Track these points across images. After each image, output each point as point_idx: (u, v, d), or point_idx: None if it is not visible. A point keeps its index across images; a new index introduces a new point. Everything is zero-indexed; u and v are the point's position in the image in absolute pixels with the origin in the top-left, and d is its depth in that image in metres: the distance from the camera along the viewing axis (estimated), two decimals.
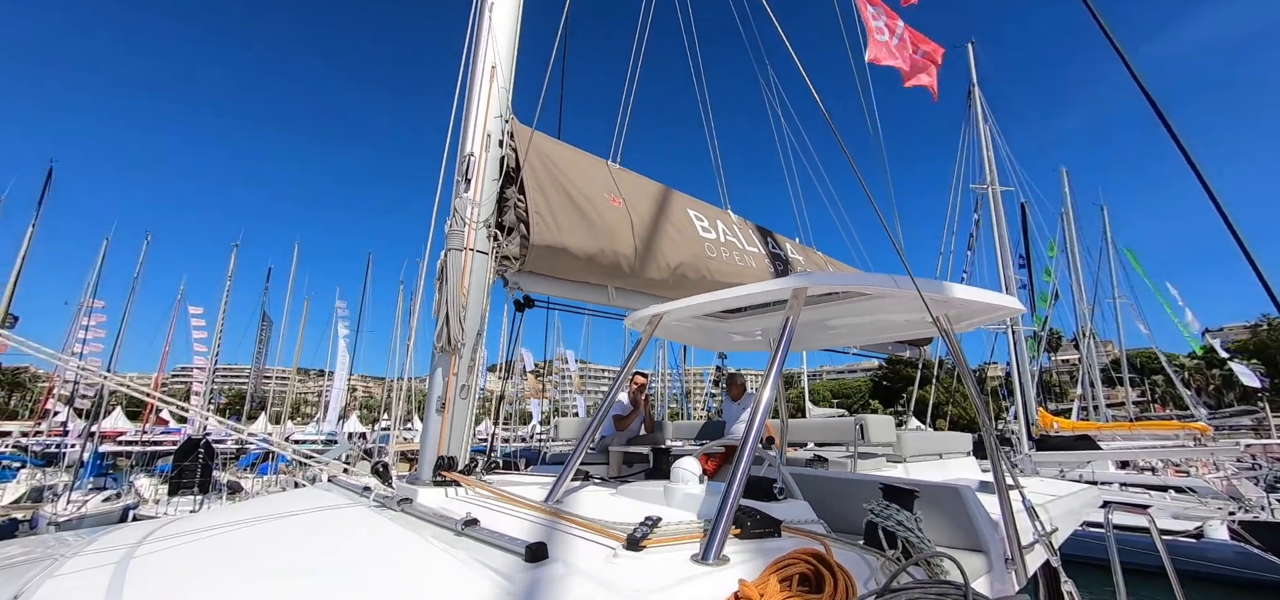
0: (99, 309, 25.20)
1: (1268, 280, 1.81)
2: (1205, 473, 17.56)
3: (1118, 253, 26.04)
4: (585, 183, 3.79)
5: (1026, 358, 16.27)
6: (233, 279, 26.92)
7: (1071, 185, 24.91)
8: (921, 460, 5.07)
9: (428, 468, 2.95)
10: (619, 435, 5.26)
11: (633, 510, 2.16)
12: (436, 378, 3.13)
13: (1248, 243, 1.83)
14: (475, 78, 3.57)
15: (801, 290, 2.39)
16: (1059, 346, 36.43)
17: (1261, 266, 1.79)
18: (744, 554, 1.74)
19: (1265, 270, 1.72)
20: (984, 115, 16.64)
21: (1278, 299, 1.80)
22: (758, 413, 2.04)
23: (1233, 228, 1.83)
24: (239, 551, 2.07)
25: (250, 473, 20.14)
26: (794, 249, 5.60)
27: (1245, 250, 1.80)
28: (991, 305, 2.80)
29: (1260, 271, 1.81)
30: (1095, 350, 24.94)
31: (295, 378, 34.04)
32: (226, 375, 45.97)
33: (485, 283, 3.30)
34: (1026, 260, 19.53)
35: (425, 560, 1.80)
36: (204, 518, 2.77)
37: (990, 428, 2.89)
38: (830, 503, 2.64)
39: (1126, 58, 2.10)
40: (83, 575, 1.86)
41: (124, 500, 16.54)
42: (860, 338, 4.49)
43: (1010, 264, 17.07)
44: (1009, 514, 2.61)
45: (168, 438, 29.60)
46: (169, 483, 16.81)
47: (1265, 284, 1.82)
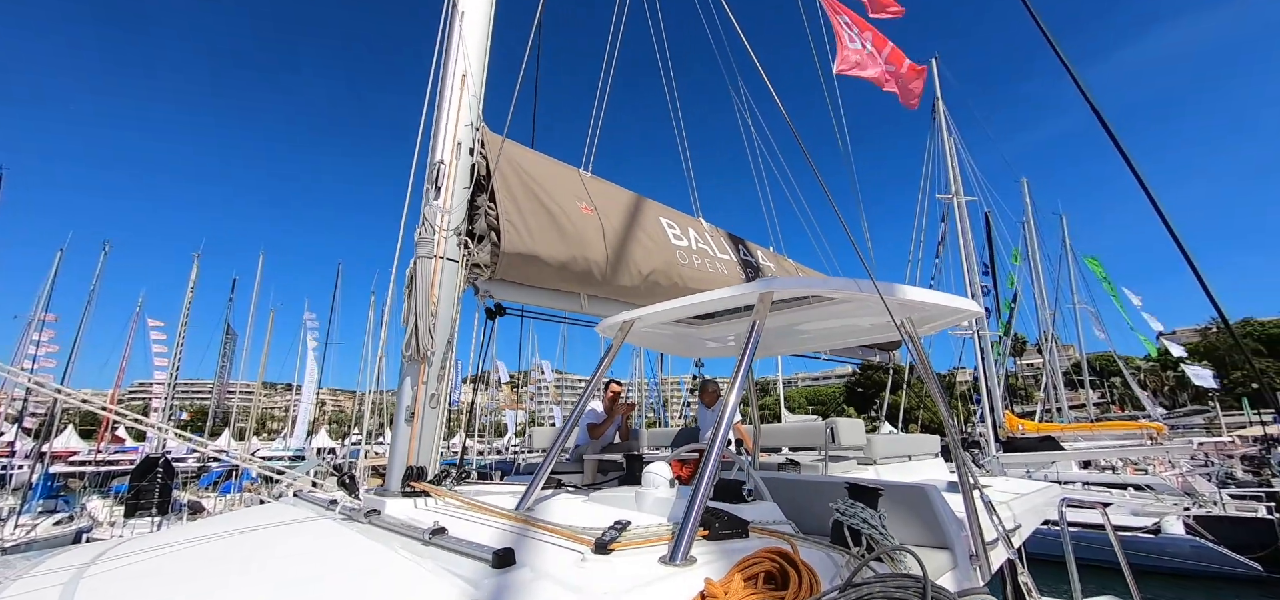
0: (51, 322, 24.09)
1: (1209, 286, 1.92)
2: (1162, 470, 18.31)
3: (1077, 260, 27.10)
4: (557, 190, 3.80)
5: (992, 362, 16.77)
6: (195, 290, 25.99)
7: (1032, 195, 25.88)
8: (891, 462, 5.18)
9: (396, 478, 2.91)
10: (593, 443, 5.25)
11: (604, 516, 2.16)
12: (405, 387, 3.09)
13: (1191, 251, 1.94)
14: (446, 86, 3.56)
15: (767, 295, 2.43)
16: (1024, 351, 37.66)
17: (1203, 273, 1.89)
18: (711, 555, 1.76)
19: (1208, 276, 1.81)
20: (948, 127, 17.21)
21: (1218, 305, 1.91)
22: (724, 415, 2.07)
23: (1176, 237, 1.93)
24: (195, 568, 2.01)
25: (212, 491, 19.39)
26: (765, 256, 5.69)
27: (1188, 257, 1.91)
28: (951, 308, 2.89)
29: (1202, 278, 1.92)
30: (1057, 354, 25.83)
31: (261, 392, 33.03)
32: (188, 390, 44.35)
33: (455, 291, 3.27)
34: (991, 268, 20.18)
35: (390, 570, 1.77)
36: (159, 536, 2.67)
37: (953, 428, 2.99)
38: (800, 504, 2.69)
39: (1076, 74, 2.21)
40: (27, 598, 1.78)
41: (77, 523, 15.77)
42: (829, 342, 4.58)
43: (975, 271, 17.62)
44: (972, 512, 2.69)
45: (124, 456, 28.37)
46: (125, 504, 16.08)
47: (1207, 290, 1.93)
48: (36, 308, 23.83)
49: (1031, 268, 24.78)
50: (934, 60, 17.65)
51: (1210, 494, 15.19)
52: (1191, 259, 1.92)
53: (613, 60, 4.92)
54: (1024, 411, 23.44)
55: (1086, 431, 17.34)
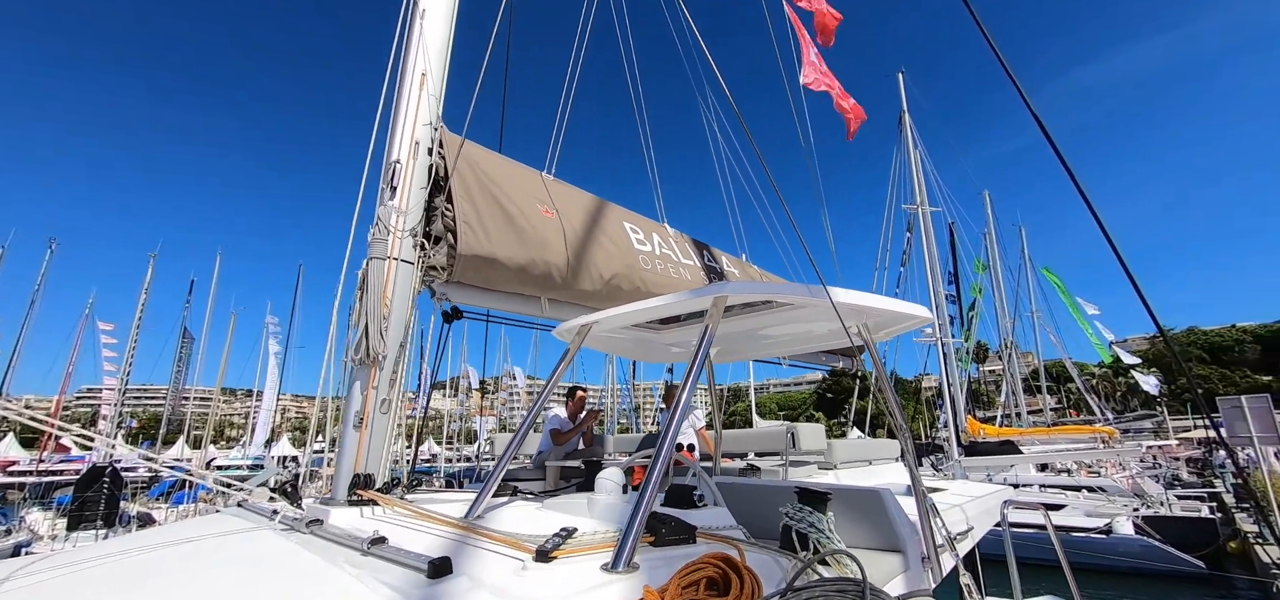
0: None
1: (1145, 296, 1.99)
2: (1113, 472, 19.09)
3: (1034, 270, 28.14)
4: (517, 192, 3.76)
5: (955, 369, 17.25)
6: (149, 292, 24.94)
7: (994, 207, 26.80)
8: (852, 467, 5.25)
9: (343, 486, 2.81)
10: (556, 450, 5.19)
11: (553, 523, 2.12)
12: (354, 392, 3.00)
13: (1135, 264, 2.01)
14: (404, 84, 3.48)
15: (721, 299, 2.44)
16: (986, 358, 38.84)
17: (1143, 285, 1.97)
18: (655, 562, 1.74)
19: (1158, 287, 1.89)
20: (914, 140, 17.70)
21: (1154, 313, 1.98)
22: (672, 421, 2.06)
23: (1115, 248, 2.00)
24: (113, 581, 1.90)
25: (164, 502, 18.56)
26: (730, 263, 5.73)
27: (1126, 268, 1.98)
28: (902, 314, 2.95)
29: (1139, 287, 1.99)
30: (1017, 361, 26.71)
31: (219, 398, 31.80)
32: (140, 396, 42.40)
33: (410, 293, 3.20)
34: (955, 277, 20.79)
35: (320, 581, 1.71)
36: (89, 549, 2.53)
37: (904, 432, 3.04)
38: (755, 509, 2.69)
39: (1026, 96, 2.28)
40: None
41: (14, 537, 14.89)
42: (790, 348, 4.63)
43: (939, 280, 18.12)
44: (924, 515, 2.74)
45: (68, 466, 26.90)
46: (68, 516, 15.24)
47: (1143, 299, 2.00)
48: None
49: (992, 277, 25.64)
50: (900, 75, 18.16)
51: (1158, 495, 15.90)
52: (1129, 269, 2.00)
53: (578, 64, 4.91)
54: (986, 416, 24.18)
55: (1043, 435, 17.98)
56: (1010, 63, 2.30)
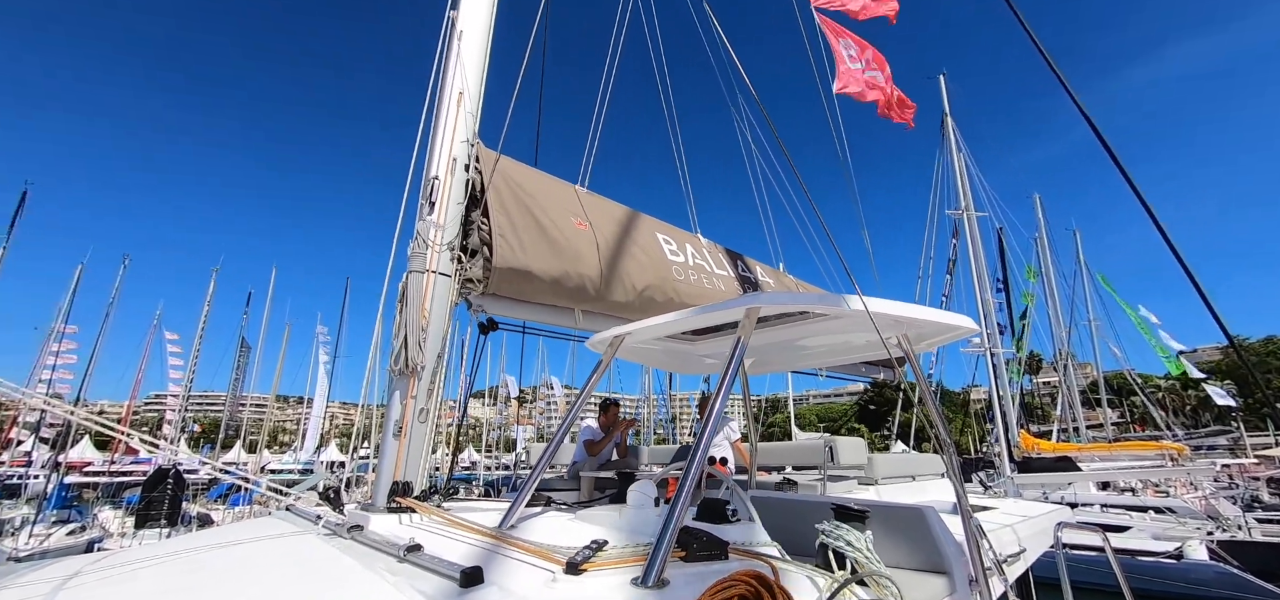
0: (71, 334, 24.58)
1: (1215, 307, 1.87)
2: (1183, 493, 17.79)
3: (1091, 276, 26.69)
4: (551, 205, 3.81)
5: (1006, 380, 16.48)
6: (211, 304, 26.46)
7: (1045, 211, 25.58)
8: (894, 482, 5.07)
9: (383, 494, 2.89)
10: (590, 460, 5.21)
11: (584, 534, 2.13)
12: (394, 401, 3.09)
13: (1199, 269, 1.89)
14: (443, 103, 3.60)
15: (754, 310, 2.40)
16: (1040, 369, 36.95)
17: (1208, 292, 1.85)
18: (685, 578, 1.72)
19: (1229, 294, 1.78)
20: (957, 144, 17.11)
21: (1224, 324, 1.86)
22: (704, 433, 2.03)
23: (1177, 254, 1.89)
24: (168, 581, 2.01)
25: (222, 504, 19.54)
26: (764, 272, 5.65)
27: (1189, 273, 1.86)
28: (945, 325, 2.83)
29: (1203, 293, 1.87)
30: (1074, 373, 25.33)
31: (274, 404, 33.34)
32: (202, 403, 44.88)
33: (447, 305, 3.28)
34: (1004, 285, 19.92)
35: (359, 586, 1.75)
36: (148, 549, 2.69)
37: (949, 447, 2.91)
38: (792, 525, 2.63)
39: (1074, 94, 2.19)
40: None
41: (88, 533, 15.93)
42: (827, 359, 4.51)
43: (987, 288, 17.39)
44: (972, 535, 2.62)
45: (137, 468, 28.65)
46: (136, 514, 16.22)
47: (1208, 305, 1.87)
48: (57, 319, 24.35)
49: (1045, 285, 24.43)
50: (941, 76, 17.62)
51: (1234, 517, 14.68)
52: (1191, 273, 1.88)
53: (611, 76, 4.97)
54: (1041, 431, 22.95)
55: (1104, 451, 16.94)
56: (1057, 61, 2.20)
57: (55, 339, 23.87)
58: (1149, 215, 1.94)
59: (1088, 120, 2.11)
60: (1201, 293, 1.84)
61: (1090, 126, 2.10)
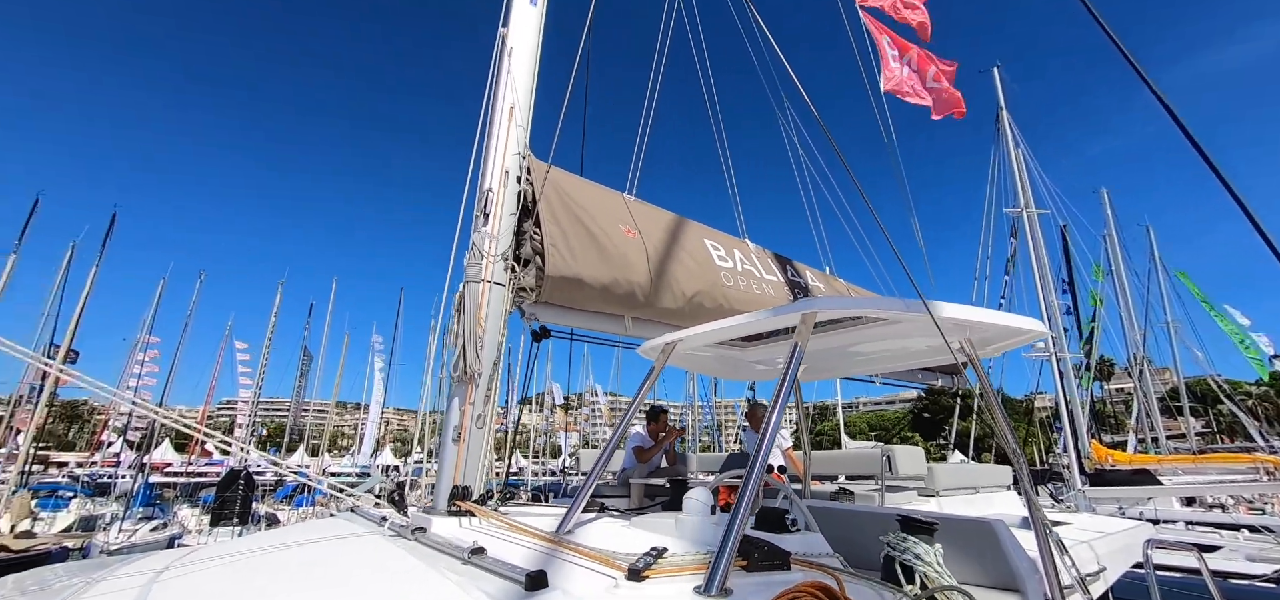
0: (154, 344, 26.60)
1: None
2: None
3: (1168, 275, 24.81)
4: (600, 214, 3.86)
5: (1074, 386, 15.50)
6: (278, 315, 28.06)
7: (1113, 206, 23.97)
8: (956, 494, 4.85)
9: (443, 497, 2.98)
10: (640, 467, 5.22)
11: (642, 541, 2.13)
12: (453, 408, 3.18)
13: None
14: (495, 117, 3.72)
15: (810, 316, 2.36)
16: (1112, 375, 34.55)
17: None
18: (749, 587, 1.70)
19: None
20: (1014, 139, 16.28)
21: None
22: (764, 440, 2.01)
23: (1271, 244, 1.74)
24: (250, 577, 2.13)
25: (287, 504, 20.62)
26: (814, 277, 5.53)
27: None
28: (1013, 329, 2.70)
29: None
30: (1150, 378, 23.57)
31: (334, 410, 35.02)
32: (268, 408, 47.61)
33: (502, 313, 3.37)
34: (1069, 285, 18.79)
35: (426, 587, 1.81)
36: (226, 545, 2.87)
37: (1019, 458, 2.77)
38: (851, 536, 2.55)
39: (1151, 81, 2.05)
40: (108, 597, 1.95)
41: (170, 530, 17.14)
42: (884, 366, 4.37)
43: (1051, 289, 16.42)
44: (1047, 551, 2.47)
45: (211, 469, 30.68)
46: (211, 513, 17.37)
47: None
48: (142, 331, 26.38)
49: (1116, 285, 22.88)
50: (996, 70, 16.83)
51: None
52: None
53: (657, 83, 5.00)
54: (1114, 441, 21.43)
55: (1188, 464, 15.63)
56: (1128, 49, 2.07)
57: (140, 349, 25.84)
58: (1239, 205, 1.79)
59: (1167, 108, 1.97)
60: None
61: (1170, 115, 1.96)
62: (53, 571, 2.62)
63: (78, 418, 50.93)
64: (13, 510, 16.27)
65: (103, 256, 21.58)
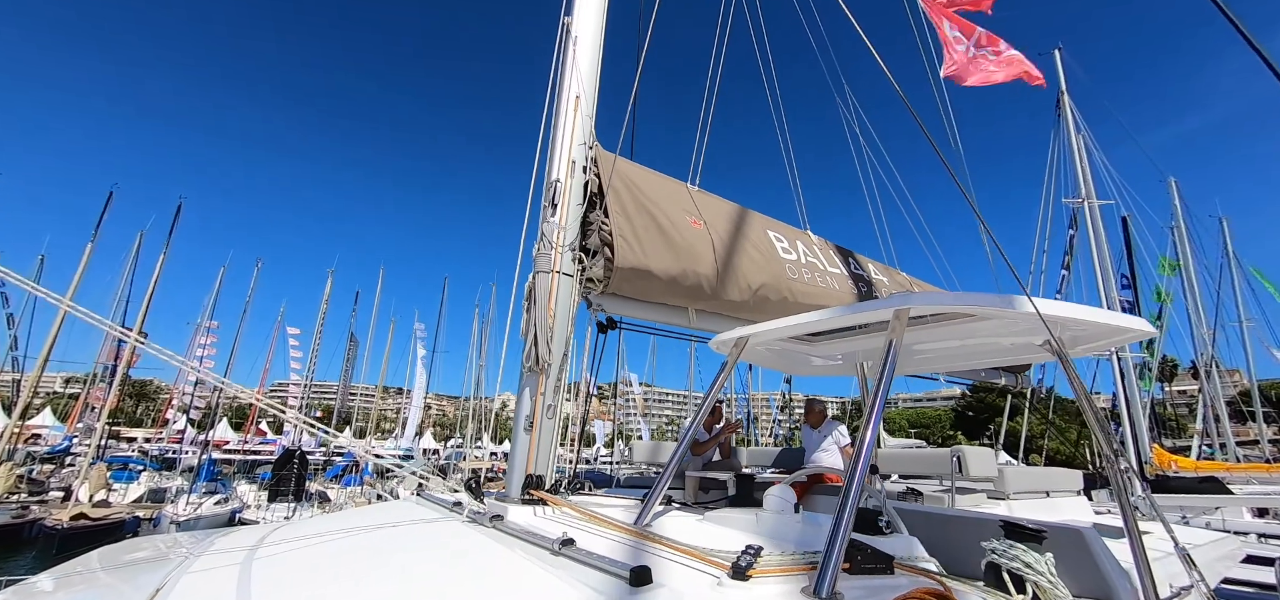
0: (214, 328, 28.03)
1: None
2: None
3: (1242, 270, 23.21)
4: (667, 205, 3.82)
5: (1135, 386, 14.70)
6: (328, 301, 29.19)
7: (1182, 197, 22.52)
8: (1026, 498, 4.65)
9: (516, 485, 3.02)
10: (695, 460, 5.19)
11: (724, 537, 2.11)
12: (524, 397, 3.22)
13: None
14: (560, 107, 3.71)
15: (904, 311, 2.27)
16: (1175, 376, 32.63)
17: None
18: (855, 591, 1.65)
19: None
20: (1076, 125, 15.44)
21: None
22: (866, 440, 1.94)
23: None
24: (349, 558, 2.20)
25: (336, 483, 21.51)
26: (877, 270, 5.38)
27: None
28: (1118, 327, 2.55)
29: None
30: (1220, 379, 22.16)
31: (380, 395, 36.28)
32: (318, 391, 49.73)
33: (571, 304, 3.38)
34: (1131, 279, 17.77)
35: (528, 577, 1.83)
36: (311, 524, 2.97)
37: (1117, 462, 2.62)
38: (937, 540, 2.47)
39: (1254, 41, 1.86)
40: (213, 573, 2.04)
41: (231, 504, 18.13)
42: (953, 363, 4.21)
43: (1113, 284, 15.58)
44: (1142, 560, 2.34)
45: (265, 448, 32.26)
46: (268, 490, 18.31)
47: None
48: (203, 315, 27.84)
49: (1184, 280, 21.52)
50: (1057, 52, 15.97)
51: None
52: None
53: (718, 72, 4.92)
54: (1176, 447, 20.27)
55: (1262, 473, 14.66)
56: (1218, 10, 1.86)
57: (203, 332, 27.26)
58: None
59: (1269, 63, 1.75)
60: None
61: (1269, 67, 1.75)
62: (137, 546, 2.75)
63: (145, 396, 54.18)
64: (91, 481, 17.50)
65: (169, 245, 22.82)
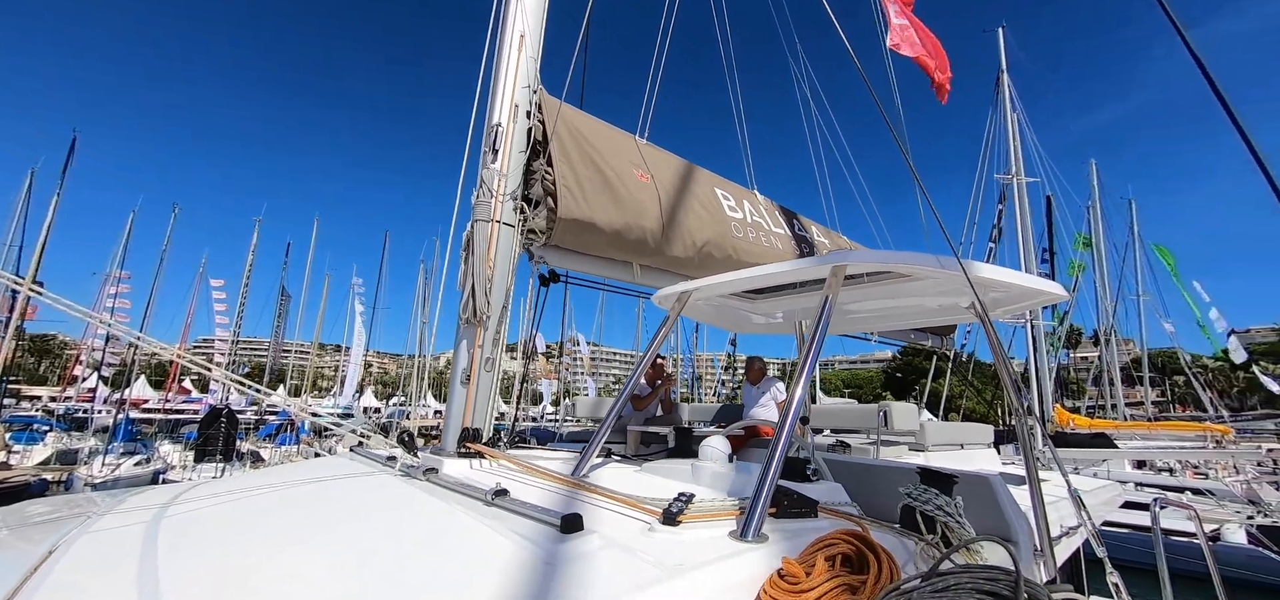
0: (125, 279, 25.75)
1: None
2: (1225, 476, 17.27)
3: (1145, 248, 25.44)
4: (614, 157, 3.73)
5: (1045, 352, 16.03)
6: (255, 253, 27.32)
7: (1100, 179, 24.28)
8: (944, 449, 5.01)
9: (452, 439, 2.95)
10: (636, 415, 5.26)
11: (661, 487, 2.14)
12: (461, 350, 3.12)
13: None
14: (503, 47, 3.51)
15: (841, 268, 2.32)
16: (1079, 344, 35.78)
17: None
18: (782, 533, 1.71)
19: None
20: (1012, 103, 16.22)
21: None
22: (796, 392, 2.00)
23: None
24: (269, 513, 2.09)
25: (270, 443, 20.57)
26: (820, 232, 5.51)
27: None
28: (1036, 290, 2.72)
29: None
30: (1117, 347, 24.48)
31: (315, 352, 34.65)
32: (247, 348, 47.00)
33: (511, 255, 3.27)
34: (1050, 254, 19.16)
35: (458, 526, 1.79)
36: (232, 481, 2.81)
37: (1024, 415, 2.83)
38: (860, 487, 2.61)
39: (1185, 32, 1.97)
40: (116, 531, 1.89)
41: (154, 465, 17.02)
42: (884, 323, 4.41)
43: (1033, 258, 16.75)
44: (1040, 505, 2.57)
45: (189, 407, 30.33)
46: (195, 450, 17.29)
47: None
48: (112, 265, 25.48)
49: (1094, 256, 23.39)
50: (1000, 30, 16.60)
51: (1277, 503, 14.32)
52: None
53: (670, 26, 4.77)
54: (1075, 407, 22.39)
55: (1144, 430, 16.48)
56: None
57: (112, 283, 25.01)
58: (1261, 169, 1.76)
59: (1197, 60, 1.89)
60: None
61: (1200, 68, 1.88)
62: (37, 505, 2.53)
63: (48, 352, 49.56)
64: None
65: (64, 184, 20.57)
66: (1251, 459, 15.90)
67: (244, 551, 1.71)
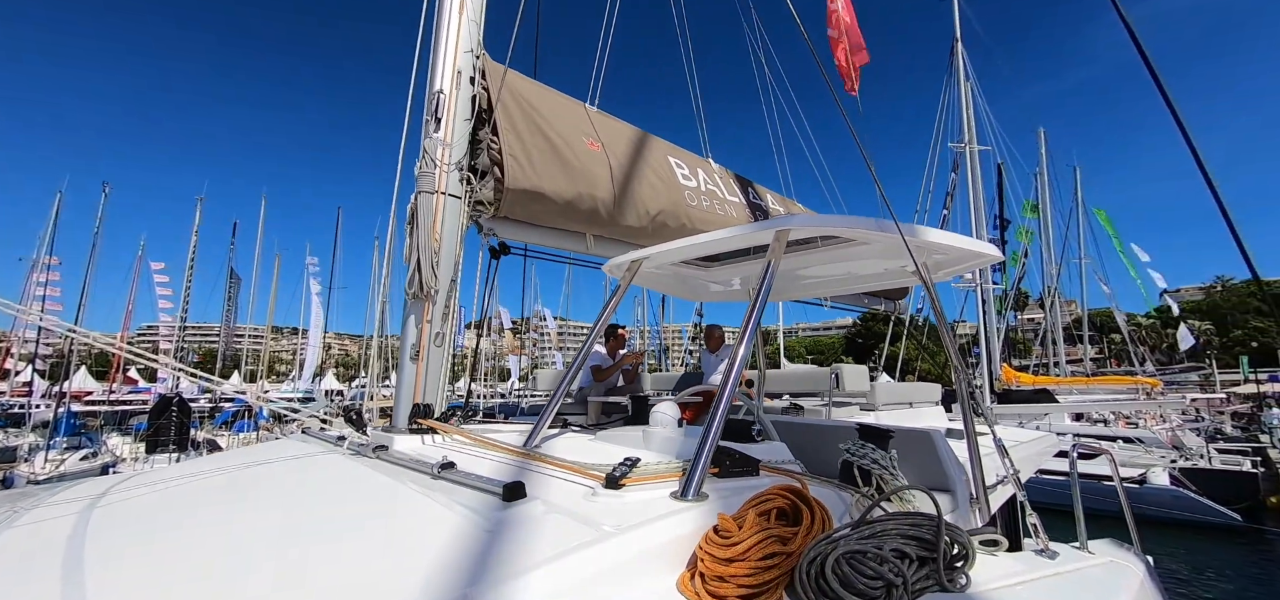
0: (55, 265, 24.11)
1: (1243, 239, 1.82)
2: (1153, 424, 18.62)
3: (1088, 214, 26.71)
4: (562, 125, 3.65)
5: (993, 315, 16.78)
6: (198, 234, 25.93)
7: (1048, 147, 25.23)
8: (893, 408, 5.21)
9: (403, 415, 2.90)
10: (598, 386, 5.26)
11: (611, 454, 2.16)
12: (409, 326, 3.05)
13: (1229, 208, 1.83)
14: (444, 9, 3.37)
15: (784, 233, 2.35)
16: (1026, 306, 37.63)
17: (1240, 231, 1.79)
18: (723, 491, 1.75)
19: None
20: (965, 73, 16.59)
21: (1249, 256, 1.82)
22: (738, 352, 2.03)
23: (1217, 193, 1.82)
24: (208, 497, 2.02)
25: (226, 431, 19.84)
26: (775, 200, 5.56)
27: (1227, 215, 1.80)
28: (971, 252, 2.82)
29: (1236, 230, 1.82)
30: (1059, 309, 25.81)
31: (269, 335, 33.39)
32: (196, 334, 44.90)
33: (458, 228, 3.19)
34: (1000, 221, 19.90)
35: (400, 501, 1.77)
36: (174, 469, 2.71)
37: (963, 373, 2.96)
38: (808, 447, 2.69)
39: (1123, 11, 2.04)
40: (46, 523, 1.80)
41: (102, 458, 16.21)
42: (836, 288, 4.51)
43: (984, 224, 17.36)
44: (975, 456, 2.70)
45: (136, 397, 28.90)
46: (145, 441, 16.51)
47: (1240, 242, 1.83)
48: (40, 249, 23.82)
49: (1041, 222, 24.44)
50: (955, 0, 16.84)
51: (1197, 447, 15.61)
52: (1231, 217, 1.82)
53: None
54: (1021, 365, 23.63)
55: (1082, 385, 17.53)
56: None
57: (42, 270, 23.40)
58: (1188, 145, 1.86)
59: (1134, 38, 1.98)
60: (1231, 224, 1.79)
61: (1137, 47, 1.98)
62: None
63: None
64: None
65: None
66: (1176, 408, 17.18)
67: (177, 536, 1.66)
